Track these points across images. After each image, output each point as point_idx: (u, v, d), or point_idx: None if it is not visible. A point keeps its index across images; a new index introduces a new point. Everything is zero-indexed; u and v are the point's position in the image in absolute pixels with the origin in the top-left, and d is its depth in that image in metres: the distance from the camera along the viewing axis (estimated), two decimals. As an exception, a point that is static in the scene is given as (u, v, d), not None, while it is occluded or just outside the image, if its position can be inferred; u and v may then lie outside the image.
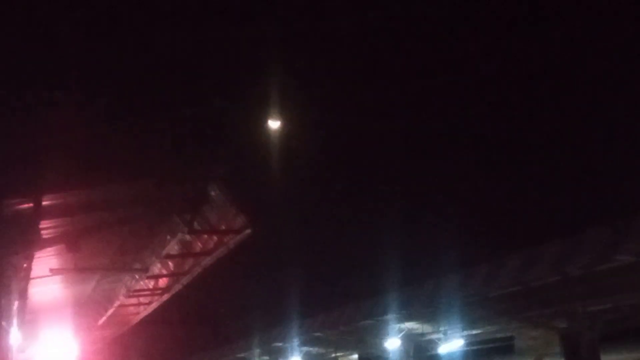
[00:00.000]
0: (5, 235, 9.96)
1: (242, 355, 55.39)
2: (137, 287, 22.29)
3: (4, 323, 15.13)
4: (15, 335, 14.05)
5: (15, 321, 14.26)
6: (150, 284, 22.42)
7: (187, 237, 16.56)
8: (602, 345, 28.54)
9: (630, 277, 22.53)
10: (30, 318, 22.31)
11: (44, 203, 11.13)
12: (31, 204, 10.91)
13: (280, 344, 48.91)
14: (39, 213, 11.03)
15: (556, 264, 24.08)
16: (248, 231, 14.97)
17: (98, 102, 12.41)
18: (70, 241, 13.29)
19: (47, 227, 12.52)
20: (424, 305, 32.74)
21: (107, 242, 15.94)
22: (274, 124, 15.31)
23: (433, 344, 41.24)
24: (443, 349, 39.65)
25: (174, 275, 20.67)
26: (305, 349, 49.41)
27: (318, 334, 43.90)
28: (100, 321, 28.59)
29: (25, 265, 14.03)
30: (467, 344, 41.29)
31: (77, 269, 16.24)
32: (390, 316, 35.19)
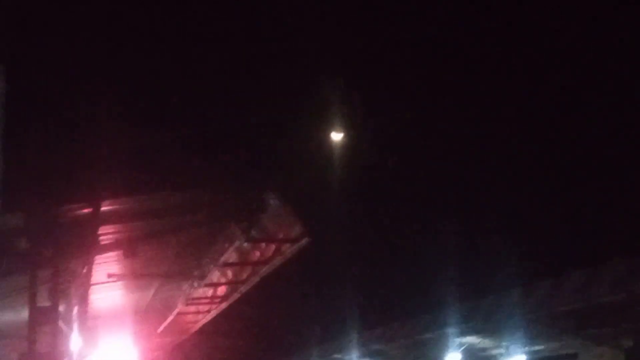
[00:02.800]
0: (64, 241, 10.10)
1: (301, 368, 55.47)
2: (196, 295, 22.43)
3: (65, 328, 15.36)
4: (76, 341, 14.22)
5: (76, 327, 14.44)
6: (209, 292, 22.55)
7: (245, 245, 16.61)
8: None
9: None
10: (91, 324, 22.60)
11: (102, 209, 11.26)
12: (90, 210, 11.05)
13: (338, 357, 48.84)
14: (98, 219, 11.17)
15: (621, 281, 23.61)
16: (306, 240, 14.95)
17: (158, 111, 12.55)
18: (127, 247, 13.44)
19: (105, 234, 12.67)
20: (484, 320, 32.40)
21: (164, 249, 16.08)
22: (335, 136, 15.34)
23: (494, 359, 40.82)
24: (504, 364, 39.16)
25: (232, 284, 20.75)
26: (364, 362, 49.29)
27: (377, 346, 43.77)
28: (160, 329, 28.85)
29: (84, 271, 14.22)
30: (530, 360, 40.71)
31: (134, 275, 16.44)
32: (450, 330, 34.89)
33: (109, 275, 16.78)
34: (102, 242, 12.40)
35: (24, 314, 9.78)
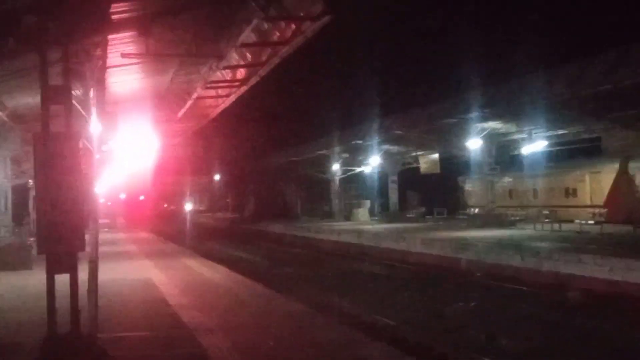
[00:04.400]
0: (73, 16, 9.64)
1: (322, 152, 56.39)
2: (215, 79, 22.11)
3: (82, 111, 15.18)
4: (95, 125, 14.04)
5: (94, 110, 14.21)
6: (228, 75, 22.18)
7: (264, 25, 16.08)
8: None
9: None
10: (110, 109, 22.55)
11: (114, -17, 10.75)
12: (101, -16, 10.52)
13: (360, 142, 49.42)
14: (108, -6, 10.65)
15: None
16: (327, 18, 14.34)
17: None
18: (141, 26, 12.96)
19: (117, 12, 12.18)
20: (507, 104, 32.26)
21: (180, 28, 15.56)
22: None
23: (516, 144, 41.03)
24: (526, 149, 39.45)
25: (251, 66, 20.31)
26: (385, 147, 49.97)
27: (398, 132, 44.07)
28: (180, 114, 28.83)
29: (98, 52, 13.86)
30: (551, 145, 40.91)
31: (149, 54, 16.03)
32: (473, 115, 34.93)
33: (124, 56, 16.39)
34: (114, 20, 11.90)
35: (38, 96, 9.51)
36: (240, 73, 21.78)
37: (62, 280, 8.93)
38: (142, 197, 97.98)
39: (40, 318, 9.29)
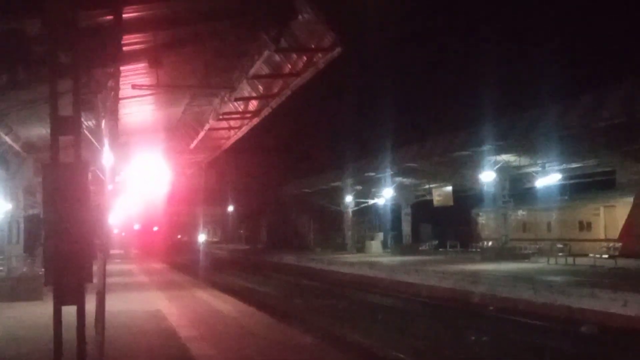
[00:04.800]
0: (85, 49, 9.69)
1: (335, 184, 56.39)
2: (227, 110, 22.23)
3: (95, 142, 15.25)
4: (108, 156, 14.10)
5: (107, 142, 14.28)
6: (240, 106, 22.31)
7: (275, 57, 16.17)
8: None
9: None
10: (123, 140, 22.70)
11: (125, 15, 10.80)
12: (112, 16, 10.60)
13: (373, 174, 49.40)
14: (120, 26, 10.71)
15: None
16: (338, 49, 14.41)
17: None
18: (153, 57, 13.04)
19: (128, 43, 12.27)
20: (521, 137, 32.17)
21: (191, 59, 15.68)
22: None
23: (529, 177, 40.88)
24: (540, 182, 39.29)
25: (263, 98, 20.43)
26: (398, 179, 49.88)
27: (412, 164, 44.02)
28: (192, 145, 28.96)
29: (110, 83, 13.94)
30: (565, 178, 40.74)
31: (160, 85, 16.13)
32: (486, 147, 34.86)
33: (135, 87, 16.48)
34: (126, 51, 11.98)
35: (48, 127, 9.53)
36: (252, 104, 21.90)
37: (71, 311, 8.89)
38: (155, 228, 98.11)
39: (48, 349, 9.22)
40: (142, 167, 29.99)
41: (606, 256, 35.93)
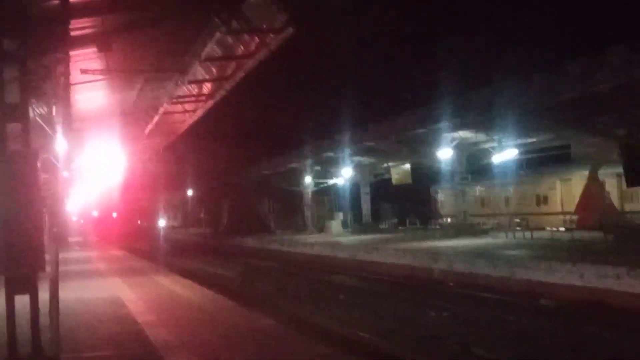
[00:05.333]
0: (32, 35, 9.52)
1: (294, 165, 56.33)
2: (181, 94, 22.06)
3: (47, 129, 15.03)
4: (61, 143, 13.89)
5: (59, 128, 14.06)
6: (194, 90, 22.16)
7: (228, 38, 16.06)
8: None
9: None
10: (77, 127, 22.44)
11: (72, 0, 10.65)
12: (58, 1, 10.43)
13: (331, 154, 49.43)
14: (68, 10, 10.53)
15: (621, 68, 23.23)
16: (290, 30, 14.34)
17: None
18: (102, 41, 12.85)
19: (77, 28, 12.08)
20: (478, 114, 32.36)
21: (142, 43, 15.48)
22: None
23: (487, 153, 41.18)
24: (497, 158, 39.62)
25: (216, 81, 20.29)
26: (356, 159, 49.95)
27: (370, 143, 44.10)
28: (147, 129, 28.70)
29: (60, 68, 13.74)
30: (522, 153, 41.12)
31: (111, 70, 15.95)
32: (444, 125, 35.02)
33: (85, 72, 16.27)
34: (74, 35, 11.79)
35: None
36: (206, 87, 21.75)
37: (26, 300, 8.81)
38: (114, 215, 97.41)
39: (2, 339, 9.11)
40: (98, 153, 29.69)
41: (563, 229, 36.52)
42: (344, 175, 53.52)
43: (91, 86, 18.90)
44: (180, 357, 11.00)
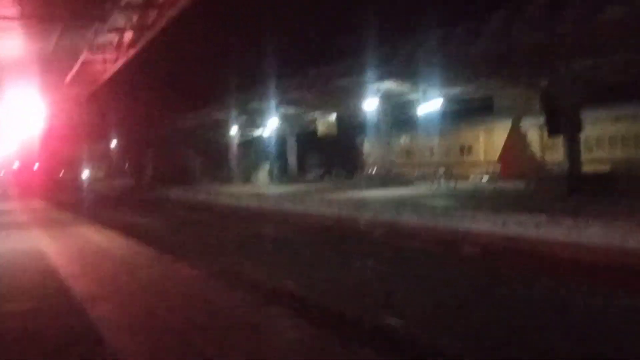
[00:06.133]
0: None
1: (220, 116, 55.80)
2: (101, 42, 21.54)
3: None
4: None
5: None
6: (115, 38, 21.65)
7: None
8: (580, 102, 28.75)
9: (619, 33, 22.07)
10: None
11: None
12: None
13: (257, 105, 49.09)
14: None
15: (542, 20, 23.50)
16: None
17: None
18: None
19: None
20: (403, 64, 32.46)
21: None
22: None
23: (412, 104, 41.47)
24: (422, 109, 39.97)
25: (138, 29, 19.84)
26: (283, 110, 49.72)
27: (296, 94, 43.90)
28: (68, 78, 28.01)
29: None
30: (447, 104, 41.59)
31: (25, 17, 15.44)
32: (368, 75, 35.00)
33: (2, 18, 15.73)
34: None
35: None
36: (127, 36, 21.27)
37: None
38: (36, 166, 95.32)
39: None
40: (17, 102, 28.87)
41: (486, 178, 37.15)
42: (270, 126, 53.35)
43: (6, 34, 18.31)
44: (103, 308, 10.85)
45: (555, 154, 34.77)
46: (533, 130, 39.20)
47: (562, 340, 11.36)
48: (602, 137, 35.92)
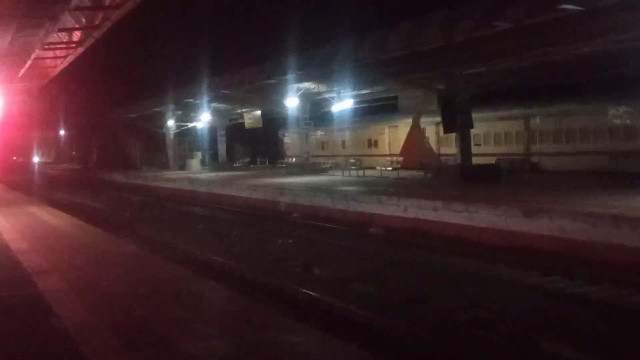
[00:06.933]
0: None
1: (158, 109, 54.87)
2: (51, 40, 20.80)
3: None
4: None
5: None
6: (64, 37, 20.96)
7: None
8: (472, 103, 29.32)
9: (505, 44, 22.45)
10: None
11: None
12: None
13: (191, 100, 48.41)
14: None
15: (442, 30, 23.68)
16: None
17: None
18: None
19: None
20: (320, 67, 32.37)
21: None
22: None
23: (328, 102, 41.51)
24: (336, 106, 40.05)
25: (86, 29, 19.24)
26: (214, 105, 49.20)
27: (226, 91, 43.42)
28: (20, 73, 27.02)
29: None
30: (357, 103, 41.80)
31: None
32: (289, 76, 34.85)
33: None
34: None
35: None
36: (76, 35, 20.59)
37: None
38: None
39: None
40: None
41: (390, 169, 37.50)
42: (203, 119, 52.90)
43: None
44: (52, 280, 10.46)
45: (450, 147, 35.26)
46: (431, 127, 39.75)
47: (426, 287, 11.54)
48: (489, 133, 36.59)
